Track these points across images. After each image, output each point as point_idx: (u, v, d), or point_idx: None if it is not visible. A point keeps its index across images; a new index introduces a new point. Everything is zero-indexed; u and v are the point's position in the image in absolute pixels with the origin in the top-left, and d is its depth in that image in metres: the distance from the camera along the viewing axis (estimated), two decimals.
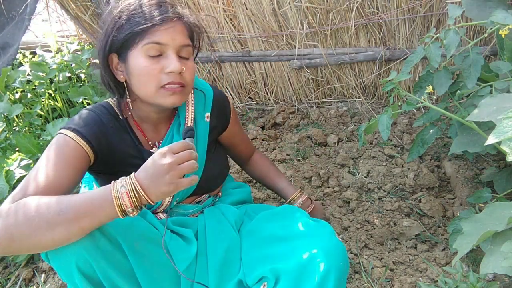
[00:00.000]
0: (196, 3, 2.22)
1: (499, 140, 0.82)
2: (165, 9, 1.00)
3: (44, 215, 0.83)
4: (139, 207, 0.87)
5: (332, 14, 2.16)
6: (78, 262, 0.90)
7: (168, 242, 1.07)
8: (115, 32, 0.99)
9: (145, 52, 0.98)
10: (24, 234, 0.83)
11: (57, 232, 0.83)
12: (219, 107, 1.24)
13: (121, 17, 0.99)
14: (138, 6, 1.01)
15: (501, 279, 1.31)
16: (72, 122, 1.05)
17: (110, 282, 0.97)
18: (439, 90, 1.46)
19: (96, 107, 1.11)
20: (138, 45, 0.98)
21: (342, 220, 1.64)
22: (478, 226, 0.98)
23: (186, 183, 0.86)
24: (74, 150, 1.00)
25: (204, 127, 1.20)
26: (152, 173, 0.85)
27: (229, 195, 1.35)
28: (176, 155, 0.86)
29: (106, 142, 1.06)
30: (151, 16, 0.98)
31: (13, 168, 1.70)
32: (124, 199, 0.85)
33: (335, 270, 0.97)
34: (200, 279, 1.09)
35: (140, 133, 1.14)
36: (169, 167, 0.84)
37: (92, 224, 0.86)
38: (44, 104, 2.36)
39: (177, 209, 1.21)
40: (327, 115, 2.37)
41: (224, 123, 1.28)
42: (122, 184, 0.86)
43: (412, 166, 1.85)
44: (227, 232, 1.16)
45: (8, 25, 2.04)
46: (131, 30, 0.98)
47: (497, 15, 1.29)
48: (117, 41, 1.00)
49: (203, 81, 1.26)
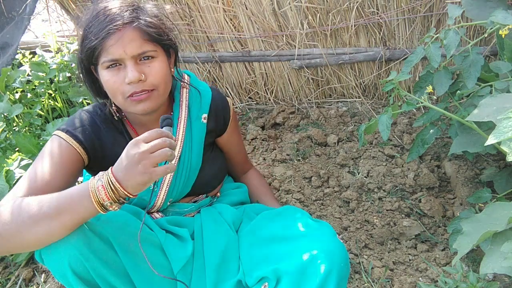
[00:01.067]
0: (196, 3, 2.22)
1: (499, 140, 0.82)
2: (116, 16, 0.96)
3: (27, 212, 0.85)
4: (117, 200, 0.86)
5: (332, 14, 2.16)
6: (71, 262, 0.91)
7: (163, 242, 1.08)
8: (80, 47, 1.00)
9: (105, 66, 0.98)
10: (9, 232, 0.85)
11: (40, 229, 0.85)
12: (218, 110, 1.23)
13: (84, 30, 0.98)
14: (93, 17, 0.98)
15: (501, 279, 1.31)
16: (66, 124, 1.06)
17: (105, 282, 0.97)
18: (439, 90, 1.46)
19: (91, 108, 1.12)
20: (98, 61, 0.98)
21: (342, 220, 1.64)
22: (478, 226, 0.98)
23: (161, 171, 0.85)
24: (67, 152, 1.01)
25: (200, 128, 1.19)
26: (125, 165, 0.84)
27: (227, 195, 1.34)
28: (148, 144, 0.84)
29: (99, 144, 1.08)
30: (99, 29, 0.95)
31: (13, 168, 1.70)
32: (100, 192, 0.85)
33: (336, 271, 0.97)
34: (197, 279, 1.09)
35: (134, 133, 1.14)
36: (140, 156, 0.83)
37: (73, 220, 0.87)
38: (44, 104, 2.36)
39: (172, 208, 1.21)
40: (327, 115, 2.37)
41: (221, 127, 1.26)
42: (98, 178, 0.86)
43: (412, 166, 1.85)
44: (224, 231, 1.16)
45: (7, 25, 2.04)
46: (86, 48, 0.97)
47: (497, 15, 1.29)
48: (82, 57, 1.00)
49: (203, 83, 1.24)
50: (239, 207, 1.30)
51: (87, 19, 0.98)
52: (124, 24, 0.96)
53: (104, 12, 0.96)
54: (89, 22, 0.97)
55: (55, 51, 2.63)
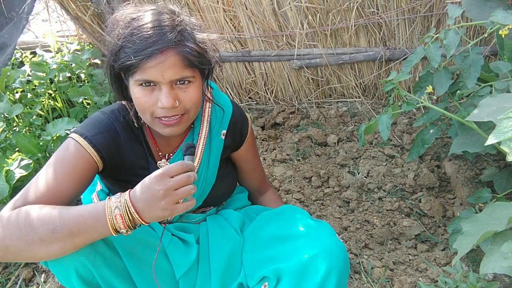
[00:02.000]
0: (196, 3, 2.22)
1: (499, 140, 0.82)
2: (159, 38, 0.88)
3: (38, 233, 0.83)
4: (132, 227, 0.85)
5: (332, 14, 2.16)
6: (77, 268, 0.91)
7: (167, 246, 1.07)
8: (113, 56, 0.93)
9: (138, 83, 0.93)
10: (18, 248, 0.83)
11: (51, 249, 0.84)
12: (236, 126, 1.19)
13: (119, 40, 0.91)
14: (131, 32, 0.90)
15: (501, 279, 1.31)
16: (85, 128, 1.01)
17: (110, 287, 0.97)
18: (439, 90, 1.46)
19: (111, 111, 1.06)
20: (133, 76, 0.92)
21: (342, 220, 1.64)
22: (478, 226, 0.98)
23: (182, 208, 0.83)
24: (82, 158, 0.97)
25: (218, 144, 1.16)
26: (146, 197, 0.82)
27: (233, 201, 1.33)
28: (173, 180, 0.82)
29: (117, 151, 1.04)
30: (140, 48, 0.88)
31: (13, 168, 1.70)
32: (117, 221, 0.83)
33: (336, 270, 0.97)
34: (201, 284, 1.09)
35: (153, 143, 1.11)
36: (164, 193, 0.81)
37: (85, 241, 0.86)
38: (44, 104, 2.36)
39: (180, 219, 1.20)
40: (327, 115, 2.37)
41: (238, 143, 1.22)
42: (116, 205, 0.84)
43: (412, 166, 1.85)
44: (230, 236, 1.15)
45: (7, 25, 2.04)
46: (122, 62, 0.91)
47: (497, 15, 1.29)
48: (116, 66, 0.94)
49: (225, 96, 1.19)
50: (240, 210, 1.29)
51: (124, 32, 0.91)
52: (167, 47, 0.89)
53: (145, 29, 0.89)
54: (126, 35, 0.90)
55: (55, 51, 2.63)
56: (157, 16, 0.91)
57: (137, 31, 0.89)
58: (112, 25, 0.96)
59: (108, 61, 0.96)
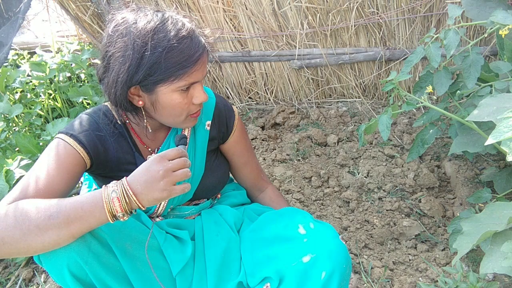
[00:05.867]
0: (196, 3, 2.22)
1: (499, 140, 0.82)
2: (196, 45, 0.96)
3: (34, 220, 0.84)
4: (129, 211, 0.87)
5: (332, 14, 2.16)
6: (70, 265, 0.91)
7: (162, 244, 1.07)
8: (139, 71, 0.93)
9: (178, 89, 0.97)
10: (14, 238, 0.84)
11: (47, 237, 0.84)
12: (221, 117, 1.22)
13: (146, 48, 0.91)
14: (168, 42, 0.92)
15: (501, 279, 1.31)
16: (70, 127, 1.04)
17: (104, 285, 0.97)
18: (439, 90, 1.46)
19: (94, 111, 1.10)
20: (173, 84, 0.95)
21: (342, 220, 1.64)
22: (478, 226, 0.98)
23: (179, 190, 0.86)
24: (70, 155, 1.00)
25: (203, 135, 1.18)
26: (146, 179, 0.85)
27: (228, 197, 1.33)
28: (171, 162, 0.86)
29: (103, 148, 1.06)
30: (187, 56, 0.94)
31: (13, 168, 1.70)
32: (115, 204, 0.85)
33: (338, 272, 0.97)
34: (198, 280, 1.09)
35: (138, 139, 1.13)
36: (164, 173, 0.84)
37: (82, 229, 0.86)
38: (44, 104, 2.36)
39: (173, 212, 1.20)
40: (327, 115, 2.37)
41: (224, 134, 1.24)
42: (113, 189, 0.86)
43: (412, 166, 1.85)
44: (225, 233, 1.16)
45: (3, 25, 2.04)
46: (169, 71, 0.93)
47: (497, 15, 1.29)
48: (147, 75, 0.94)
49: (207, 88, 1.21)
50: (239, 208, 1.29)
51: (153, 30, 0.92)
52: (205, 50, 0.99)
53: (183, 39, 0.93)
54: (164, 49, 0.91)
55: (55, 51, 2.63)
56: (175, 21, 0.96)
57: (176, 43, 0.92)
58: (112, 38, 0.95)
59: (123, 79, 0.94)
